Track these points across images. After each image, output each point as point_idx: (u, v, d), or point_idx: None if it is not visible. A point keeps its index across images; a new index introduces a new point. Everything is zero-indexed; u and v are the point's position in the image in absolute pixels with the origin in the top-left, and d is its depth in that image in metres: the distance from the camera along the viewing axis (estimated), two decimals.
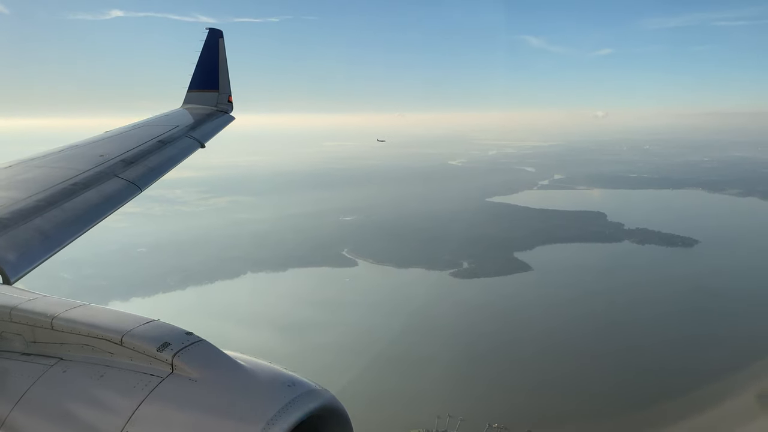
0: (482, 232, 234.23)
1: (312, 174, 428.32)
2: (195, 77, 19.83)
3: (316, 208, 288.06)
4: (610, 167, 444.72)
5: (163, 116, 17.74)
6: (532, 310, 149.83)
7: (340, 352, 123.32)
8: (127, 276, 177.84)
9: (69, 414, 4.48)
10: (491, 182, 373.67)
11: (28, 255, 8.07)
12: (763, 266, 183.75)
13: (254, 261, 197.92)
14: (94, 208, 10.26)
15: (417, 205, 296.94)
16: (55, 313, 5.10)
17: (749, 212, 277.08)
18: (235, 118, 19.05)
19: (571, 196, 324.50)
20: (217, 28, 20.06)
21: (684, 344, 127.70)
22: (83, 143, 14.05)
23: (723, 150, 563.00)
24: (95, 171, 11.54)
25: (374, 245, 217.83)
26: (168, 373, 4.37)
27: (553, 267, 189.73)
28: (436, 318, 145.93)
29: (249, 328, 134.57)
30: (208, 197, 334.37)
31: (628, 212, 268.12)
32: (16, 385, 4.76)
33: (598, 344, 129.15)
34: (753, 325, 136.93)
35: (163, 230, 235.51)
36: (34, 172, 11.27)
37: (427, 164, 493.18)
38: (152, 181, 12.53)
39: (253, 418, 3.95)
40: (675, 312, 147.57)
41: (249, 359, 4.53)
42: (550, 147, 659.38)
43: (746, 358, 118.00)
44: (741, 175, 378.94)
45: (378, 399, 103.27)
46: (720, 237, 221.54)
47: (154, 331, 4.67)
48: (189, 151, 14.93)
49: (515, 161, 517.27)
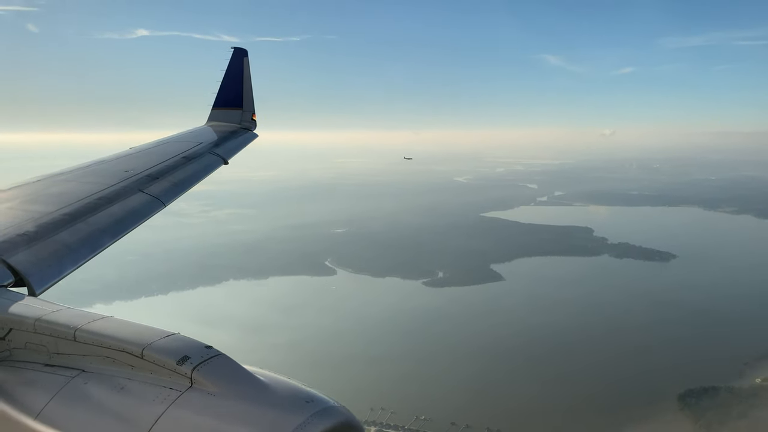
0: (467, 244, 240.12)
1: (317, 189, 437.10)
2: (219, 95, 20.02)
3: (311, 220, 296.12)
4: (613, 185, 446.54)
5: (188, 133, 17.99)
6: (487, 318, 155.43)
7: (290, 350, 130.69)
8: (113, 281, 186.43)
9: (89, 426, 4.56)
10: (490, 198, 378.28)
11: (53, 267, 8.18)
12: (730, 281, 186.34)
13: (238, 269, 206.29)
14: (119, 222, 10.47)
15: (410, 218, 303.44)
16: (77, 324, 5.21)
17: (738, 229, 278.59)
18: (258, 135, 19.24)
19: (564, 212, 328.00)
20: (241, 47, 20.34)
21: (632, 355, 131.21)
22: (109, 158, 14.21)
23: (734, 169, 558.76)
24: (120, 186, 11.73)
25: (357, 256, 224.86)
26: (187, 386, 4.41)
27: (524, 278, 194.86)
28: (394, 322, 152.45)
29: (214, 328, 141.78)
30: (209, 210, 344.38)
31: (615, 228, 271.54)
32: (38, 396, 4.85)
33: (539, 350, 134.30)
34: (699, 338, 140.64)
35: (156, 239, 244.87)
36: (61, 187, 11.41)
37: (432, 180, 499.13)
38: (176, 197, 12.69)
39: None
40: (630, 323, 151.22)
41: (268, 374, 4.62)
42: (559, 165, 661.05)
43: (678, 368, 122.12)
44: (742, 193, 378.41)
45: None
46: (698, 252, 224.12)
47: (174, 344, 4.73)
48: (212, 168, 15.06)
49: (521, 178, 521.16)
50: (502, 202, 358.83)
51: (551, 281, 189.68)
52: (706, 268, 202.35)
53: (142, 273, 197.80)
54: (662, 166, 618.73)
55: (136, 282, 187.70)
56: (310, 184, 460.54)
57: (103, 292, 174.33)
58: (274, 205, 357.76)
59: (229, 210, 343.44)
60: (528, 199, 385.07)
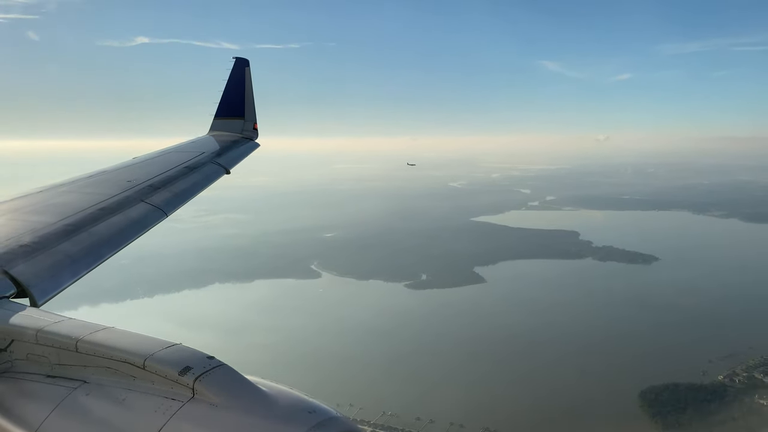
0: (452, 247, 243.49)
1: (312, 195, 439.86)
2: (221, 104, 20.03)
3: (302, 224, 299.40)
4: (606, 189, 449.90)
5: (190, 143, 18.06)
6: (461, 318, 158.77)
7: (264, 350, 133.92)
8: (99, 284, 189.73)
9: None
10: (482, 203, 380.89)
11: (55, 278, 8.18)
12: (707, 282, 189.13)
13: (224, 272, 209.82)
14: (121, 233, 10.43)
15: (400, 222, 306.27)
16: (79, 335, 5.21)
17: (722, 232, 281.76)
18: (260, 144, 19.28)
19: (553, 216, 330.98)
20: (243, 57, 20.32)
21: (597, 354, 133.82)
22: (111, 169, 14.23)
23: (728, 174, 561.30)
24: (122, 196, 11.73)
25: (344, 259, 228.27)
26: (189, 397, 4.41)
27: (505, 280, 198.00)
28: (370, 323, 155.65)
29: (192, 330, 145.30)
30: (204, 215, 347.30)
31: (602, 232, 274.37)
32: (40, 408, 4.86)
33: (513, 351, 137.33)
34: (668, 337, 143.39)
35: (147, 244, 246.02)
36: (63, 197, 11.43)
37: (427, 185, 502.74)
38: (178, 206, 12.65)
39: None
40: (600, 323, 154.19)
41: (270, 384, 4.63)
42: (555, 170, 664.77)
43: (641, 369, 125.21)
44: (733, 197, 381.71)
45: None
46: (681, 255, 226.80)
47: (176, 355, 4.73)
48: (214, 177, 15.15)
49: (515, 183, 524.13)
50: (493, 207, 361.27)
51: (531, 283, 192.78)
52: (686, 270, 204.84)
53: (131, 277, 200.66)
54: (657, 170, 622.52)
55: (124, 285, 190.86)
56: (306, 190, 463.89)
57: (90, 295, 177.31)
58: (268, 210, 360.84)
59: (223, 215, 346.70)
60: (519, 204, 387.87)
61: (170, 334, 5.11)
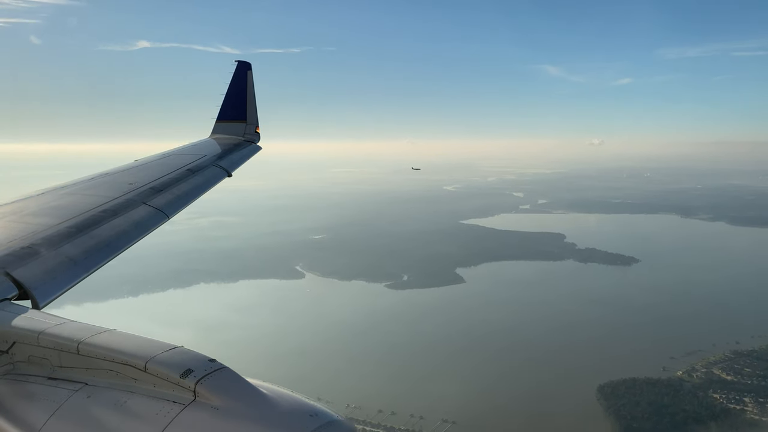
0: (438, 249, 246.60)
1: (305, 198, 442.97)
2: (223, 108, 20.05)
3: (291, 227, 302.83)
4: (599, 193, 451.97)
5: (192, 146, 18.01)
6: (435, 317, 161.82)
7: (237, 347, 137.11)
8: (85, 284, 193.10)
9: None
10: (473, 206, 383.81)
11: (57, 280, 8.17)
12: (683, 283, 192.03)
13: (209, 273, 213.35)
14: (122, 235, 10.40)
15: (388, 225, 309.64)
16: (81, 338, 5.20)
17: (706, 235, 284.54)
18: (261, 148, 19.29)
19: (542, 219, 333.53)
20: (245, 61, 20.34)
21: (558, 352, 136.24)
22: (113, 171, 14.23)
23: (723, 178, 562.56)
24: (124, 198, 11.70)
25: (329, 260, 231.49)
26: (190, 400, 4.41)
27: (484, 281, 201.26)
28: (348, 322, 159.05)
29: (171, 327, 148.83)
30: (194, 218, 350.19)
31: (588, 234, 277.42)
32: (41, 410, 4.84)
33: (485, 350, 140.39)
34: (635, 335, 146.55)
35: (137, 245, 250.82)
36: (65, 200, 11.37)
37: (422, 189, 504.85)
38: (180, 209, 12.62)
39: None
40: (570, 321, 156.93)
41: (272, 387, 4.65)
42: (551, 174, 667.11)
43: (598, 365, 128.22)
44: (722, 201, 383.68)
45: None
46: (661, 257, 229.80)
47: (177, 357, 4.74)
48: (216, 180, 15.12)
49: (509, 187, 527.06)
50: (483, 210, 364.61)
51: (509, 284, 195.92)
52: (663, 271, 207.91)
53: (117, 276, 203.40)
54: (653, 174, 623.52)
55: (108, 285, 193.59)
56: (301, 194, 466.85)
57: (73, 294, 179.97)
58: (259, 213, 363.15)
59: (213, 218, 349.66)
60: (510, 207, 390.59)
61: (149, 332, 5.58)
